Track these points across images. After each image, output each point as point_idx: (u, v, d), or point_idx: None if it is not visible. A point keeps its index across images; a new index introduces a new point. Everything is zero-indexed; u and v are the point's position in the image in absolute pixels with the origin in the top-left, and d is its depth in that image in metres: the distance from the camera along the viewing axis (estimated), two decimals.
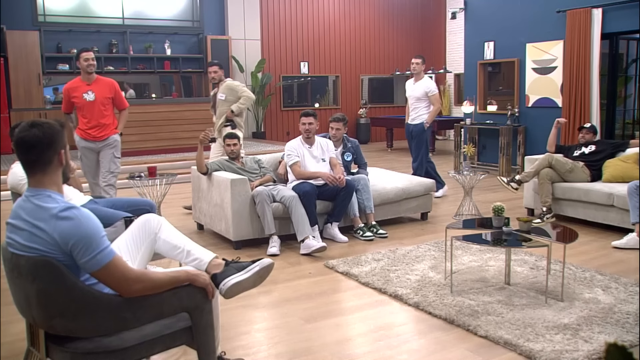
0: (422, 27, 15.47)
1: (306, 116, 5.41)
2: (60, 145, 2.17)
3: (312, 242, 4.83)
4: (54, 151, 2.15)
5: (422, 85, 7.22)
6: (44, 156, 2.13)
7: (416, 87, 7.28)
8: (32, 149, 2.11)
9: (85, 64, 5.68)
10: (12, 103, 10.53)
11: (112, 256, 2.11)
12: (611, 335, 3.16)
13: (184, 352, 3.00)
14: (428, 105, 7.21)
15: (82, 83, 5.78)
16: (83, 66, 5.71)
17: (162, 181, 5.70)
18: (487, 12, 9.57)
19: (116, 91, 5.95)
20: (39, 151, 2.11)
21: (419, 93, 7.23)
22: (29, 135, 2.11)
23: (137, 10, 12.17)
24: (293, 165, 5.28)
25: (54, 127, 2.17)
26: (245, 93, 6.25)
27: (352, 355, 3.05)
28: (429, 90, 7.17)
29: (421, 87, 7.21)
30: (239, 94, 6.24)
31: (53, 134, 2.15)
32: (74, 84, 5.83)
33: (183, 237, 2.64)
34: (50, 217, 2.07)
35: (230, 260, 2.55)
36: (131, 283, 2.15)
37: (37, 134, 2.11)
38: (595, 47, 7.92)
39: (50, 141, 2.13)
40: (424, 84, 7.23)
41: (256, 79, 12.96)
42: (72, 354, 2.15)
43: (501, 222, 3.97)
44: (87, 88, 5.75)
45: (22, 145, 2.12)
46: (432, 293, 3.84)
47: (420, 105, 7.25)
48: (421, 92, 7.20)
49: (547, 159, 5.80)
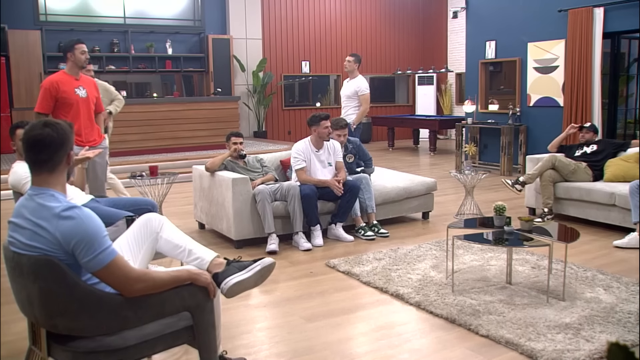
0: (423, 26, 15.46)
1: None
2: (70, 145, 2.20)
3: (300, 240, 5.01)
4: (64, 151, 2.17)
5: (354, 84, 7.09)
6: (55, 156, 2.14)
7: (348, 85, 7.15)
8: (46, 148, 2.12)
9: (83, 57, 4.96)
10: (13, 102, 10.55)
11: (114, 256, 2.12)
12: (613, 335, 3.16)
13: (185, 352, 3.00)
14: (358, 105, 7.07)
15: (71, 78, 4.98)
16: (79, 59, 4.95)
17: (164, 180, 5.70)
18: (489, 11, 9.56)
19: (98, 91, 5.34)
20: (51, 151, 2.13)
21: (349, 92, 7.09)
22: (42, 134, 2.11)
23: (138, 9, 12.18)
24: (299, 170, 5.27)
25: (66, 127, 2.20)
26: (119, 96, 6.23)
27: (353, 355, 3.05)
28: (359, 90, 7.03)
29: (352, 86, 7.08)
30: (112, 96, 6.22)
31: (65, 134, 2.17)
32: (61, 77, 4.96)
33: (184, 236, 2.65)
34: (53, 216, 2.07)
35: (231, 260, 2.55)
36: (133, 282, 2.15)
37: (52, 134, 2.12)
38: (597, 46, 7.91)
39: (62, 141, 2.15)
40: (355, 83, 7.09)
41: (257, 78, 12.97)
42: (73, 353, 2.15)
43: (502, 222, 3.97)
44: (78, 83, 5.01)
45: (36, 144, 2.12)
46: (433, 292, 3.84)
47: (350, 105, 7.10)
48: (352, 90, 7.07)
49: (550, 160, 5.79)
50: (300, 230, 5.05)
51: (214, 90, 12.19)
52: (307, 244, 5.00)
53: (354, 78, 7.15)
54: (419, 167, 10.24)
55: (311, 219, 5.10)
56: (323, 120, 5.32)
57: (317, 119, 5.32)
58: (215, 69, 12.56)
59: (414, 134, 13.54)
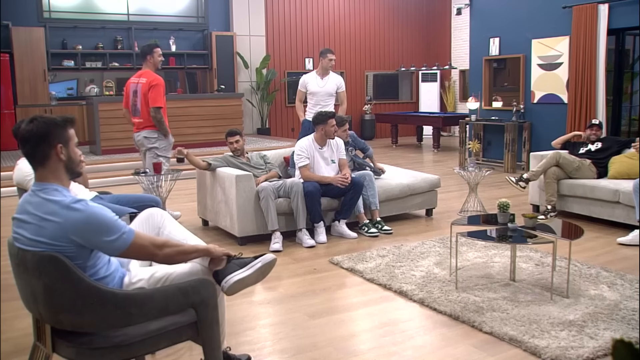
0: (427, 23, 15.42)
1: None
2: (56, 140, 2.18)
3: (304, 237, 5.02)
4: (48, 145, 2.17)
5: (334, 81, 6.79)
6: (37, 150, 2.16)
7: (329, 82, 6.76)
8: (26, 142, 2.16)
9: (160, 59, 5.84)
10: (17, 99, 10.57)
11: (134, 233, 2.20)
12: (617, 332, 3.16)
13: (189, 348, 3.01)
14: (336, 103, 6.87)
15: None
16: (157, 61, 5.79)
17: (167, 177, 5.71)
18: (493, 7, 9.53)
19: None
20: (32, 145, 2.16)
21: (331, 89, 6.75)
22: (25, 129, 2.16)
23: (141, 6, 12.18)
24: (302, 167, 5.27)
25: (51, 122, 2.19)
26: None
27: (356, 351, 3.05)
28: (341, 86, 6.83)
29: (333, 83, 6.78)
30: None
31: (47, 128, 2.17)
32: (157, 76, 5.81)
33: (186, 231, 2.66)
34: (62, 208, 2.09)
35: (232, 257, 2.54)
36: (161, 248, 2.28)
37: (31, 129, 2.16)
38: (602, 43, 7.88)
39: (42, 135, 2.15)
40: (336, 79, 6.82)
41: (261, 75, 12.96)
42: (78, 349, 2.16)
43: (506, 219, 3.96)
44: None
45: (20, 139, 2.18)
46: (437, 289, 3.84)
47: (330, 102, 6.79)
48: (334, 87, 6.77)
49: (554, 157, 5.78)
50: (304, 227, 5.06)
51: (218, 87, 12.19)
52: (310, 240, 5.00)
53: (329, 75, 6.81)
54: (422, 164, 10.23)
55: (314, 216, 5.10)
56: (330, 118, 5.31)
57: (324, 118, 5.30)
58: (219, 65, 12.57)
59: (418, 131, 13.51)
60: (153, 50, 5.77)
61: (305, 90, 6.77)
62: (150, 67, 5.78)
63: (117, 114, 9.89)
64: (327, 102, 6.72)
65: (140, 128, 5.84)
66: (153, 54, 5.76)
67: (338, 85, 6.81)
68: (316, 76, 6.74)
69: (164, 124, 5.76)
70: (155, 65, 5.80)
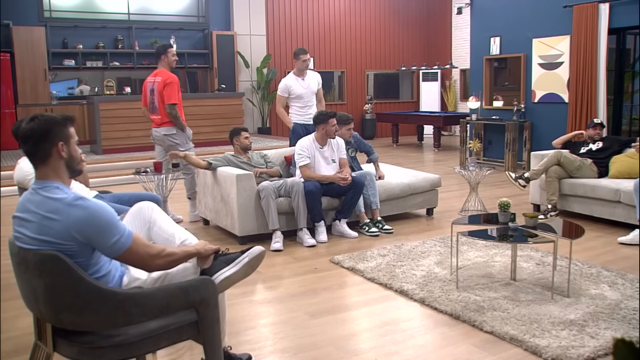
0: (427, 22, 15.42)
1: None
2: (57, 137, 2.19)
3: (305, 237, 5.02)
4: (49, 143, 2.17)
5: (315, 78, 6.60)
6: (38, 148, 2.16)
7: (311, 81, 6.55)
8: (27, 140, 2.16)
9: (174, 59, 6.01)
10: (18, 99, 10.57)
11: (133, 237, 2.19)
12: (617, 332, 3.16)
13: (190, 347, 3.01)
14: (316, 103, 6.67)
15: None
16: (171, 60, 5.97)
17: (168, 176, 5.71)
18: (493, 7, 9.52)
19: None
20: (33, 143, 2.16)
21: (314, 87, 6.56)
22: (25, 127, 2.17)
23: (142, 5, 12.18)
24: (303, 166, 5.27)
25: (51, 120, 2.20)
26: None
27: (357, 351, 3.05)
28: (320, 83, 6.66)
29: (315, 81, 6.58)
30: None
31: (48, 126, 2.17)
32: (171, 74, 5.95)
33: (175, 225, 2.67)
34: (64, 205, 2.09)
35: (219, 253, 2.52)
36: (154, 259, 2.24)
37: (32, 127, 2.16)
38: (602, 42, 7.88)
39: (43, 133, 2.16)
40: (316, 77, 6.63)
41: (261, 75, 12.96)
42: (79, 348, 2.16)
43: (507, 218, 3.96)
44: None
45: (19, 137, 2.19)
46: (437, 289, 3.84)
47: (314, 101, 6.61)
48: (316, 85, 6.59)
49: (555, 157, 5.77)
50: (305, 227, 5.06)
51: (218, 87, 12.20)
52: (311, 240, 5.00)
53: (307, 74, 6.58)
54: (423, 164, 10.23)
55: (315, 215, 5.10)
56: (331, 118, 5.31)
57: (325, 117, 5.29)
58: (220, 65, 12.57)
59: (418, 130, 13.51)
60: (167, 51, 5.94)
61: (288, 95, 6.51)
62: (165, 67, 5.95)
63: (118, 114, 9.94)
64: (313, 101, 6.56)
65: (159, 125, 5.95)
66: (167, 53, 5.92)
67: (319, 81, 6.63)
68: (296, 78, 6.49)
69: (180, 119, 5.84)
70: (169, 64, 5.96)
